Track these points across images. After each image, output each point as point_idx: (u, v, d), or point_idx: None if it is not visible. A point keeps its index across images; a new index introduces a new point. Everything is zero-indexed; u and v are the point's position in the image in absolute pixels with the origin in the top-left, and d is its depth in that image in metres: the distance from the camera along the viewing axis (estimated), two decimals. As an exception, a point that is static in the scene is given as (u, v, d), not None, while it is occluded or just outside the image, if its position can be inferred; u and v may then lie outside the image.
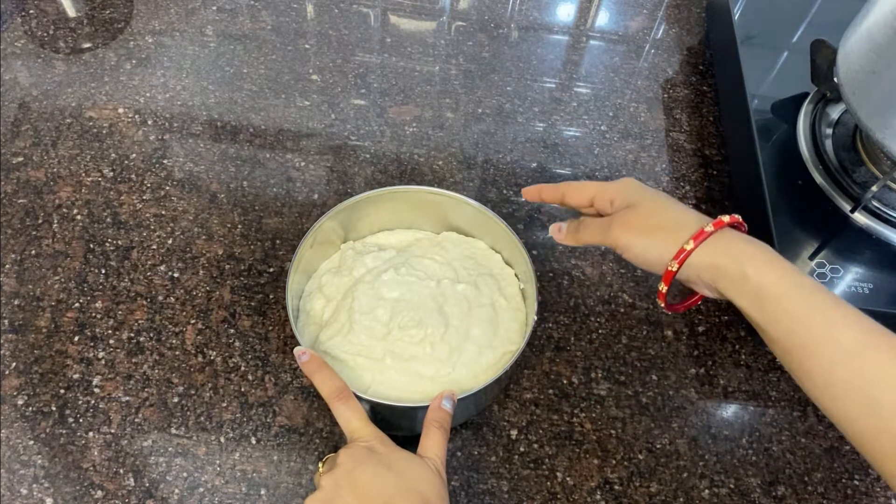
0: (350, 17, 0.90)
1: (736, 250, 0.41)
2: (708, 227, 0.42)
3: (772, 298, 0.40)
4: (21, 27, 0.85)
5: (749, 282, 0.40)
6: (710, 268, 0.42)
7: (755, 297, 0.40)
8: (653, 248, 0.44)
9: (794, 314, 0.39)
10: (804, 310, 0.39)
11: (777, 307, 0.39)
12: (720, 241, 0.42)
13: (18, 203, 0.69)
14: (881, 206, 0.62)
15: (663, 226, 0.44)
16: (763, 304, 0.40)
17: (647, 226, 0.44)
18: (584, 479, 0.57)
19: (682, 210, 0.45)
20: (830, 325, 0.38)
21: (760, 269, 0.40)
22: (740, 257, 0.41)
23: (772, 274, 0.40)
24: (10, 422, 0.57)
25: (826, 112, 0.70)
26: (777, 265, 0.41)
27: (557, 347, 0.64)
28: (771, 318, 0.40)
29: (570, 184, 0.50)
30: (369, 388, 0.53)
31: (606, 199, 0.48)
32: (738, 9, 0.82)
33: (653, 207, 0.45)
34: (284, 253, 0.68)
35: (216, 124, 0.78)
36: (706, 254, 0.42)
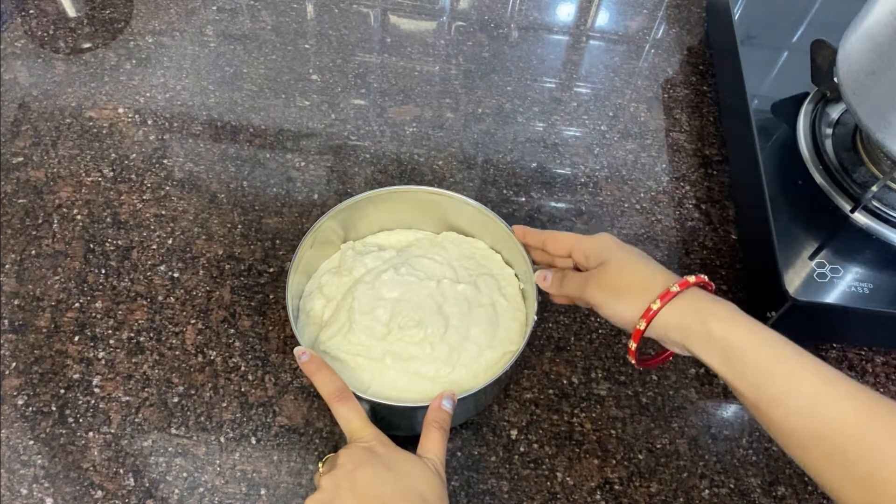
0: (350, 17, 0.90)
1: (701, 309, 0.43)
2: (674, 288, 0.44)
3: (737, 353, 0.41)
4: (21, 27, 0.85)
5: (714, 338, 0.42)
6: (676, 327, 0.44)
7: (721, 353, 0.41)
8: (622, 308, 0.46)
9: (758, 367, 0.40)
10: (767, 362, 0.40)
11: (742, 361, 0.41)
12: (686, 301, 0.44)
13: (18, 203, 0.69)
14: (881, 206, 0.62)
15: (632, 286, 0.46)
16: (729, 359, 0.41)
17: (617, 286, 0.46)
18: (585, 479, 0.57)
19: (652, 269, 0.46)
20: (792, 375, 0.39)
21: (724, 325, 0.42)
22: (705, 315, 0.42)
23: (736, 329, 0.42)
24: (10, 422, 0.57)
25: (826, 112, 0.70)
26: (740, 321, 0.42)
27: (557, 347, 0.64)
28: (737, 372, 0.41)
29: (551, 233, 0.53)
30: (369, 388, 0.53)
31: (581, 253, 0.50)
32: (738, 9, 0.82)
33: (622, 267, 0.47)
34: (284, 253, 0.68)
35: (216, 124, 0.78)
36: (672, 313, 0.44)
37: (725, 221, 0.74)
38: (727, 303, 0.43)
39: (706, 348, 0.42)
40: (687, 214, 0.74)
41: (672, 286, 0.44)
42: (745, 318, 0.42)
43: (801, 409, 0.38)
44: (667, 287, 0.44)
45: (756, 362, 0.40)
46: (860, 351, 0.66)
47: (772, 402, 0.39)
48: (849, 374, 0.64)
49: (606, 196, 0.75)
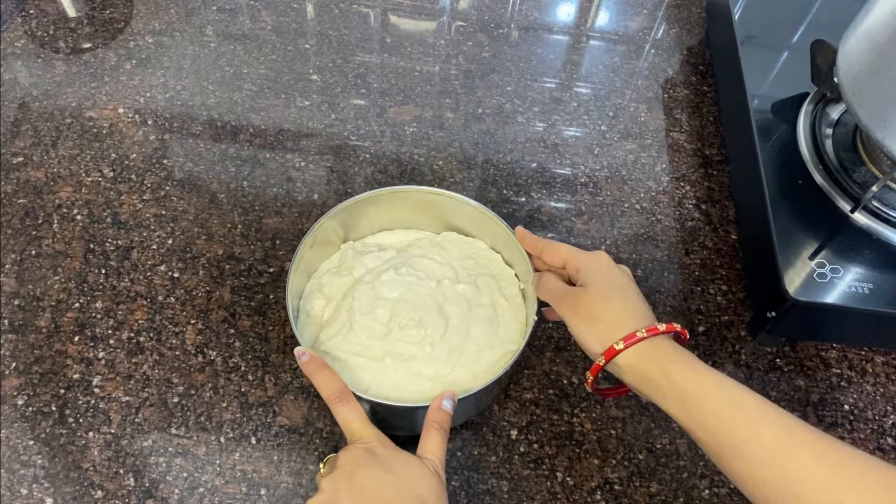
0: (350, 17, 0.90)
1: (662, 357, 0.43)
2: (640, 333, 0.44)
3: (696, 401, 0.41)
4: (21, 27, 0.85)
5: (674, 386, 0.42)
6: (633, 371, 0.44)
7: (680, 400, 0.42)
8: (588, 337, 0.46)
9: (718, 416, 0.40)
10: (728, 410, 0.40)
11: (702, 409, 0.41)
12: (649, 348, 0.44)
13: (18, 203, 0.69)
14: (881, 206, 0.62)
15: (603, 318, 0.46)
16: (688, 408, 0.41)
17: (590, 314, 0.46)
18: (585, 479, 0.57)
19: (628, 307, 0.46)
20: (753, 424, 0.39)
21: (684, 373, 0.42)
22: (665, 363, 0.43)
23: (695, 377, 0.42)
24: (10, 422, 0.57)
25: (826, 112, 0.70)
26: (700, 369, 0.42)
27: (557, 347, 0.64)
28: (697, 421, 0.41)
29: (548, 243, 0.53)
30: (369, 389, 0.53)
31: (574, 267, 0.50)
32: (738, 9, 0.82)
33: (601, 296, 0.46)
34: (284, 253, 0.68)
35: (216, 124, 0.78)
36: (633, 357, 0.44)
37: (725, 221, 0.74)
38: (690, 354, 0.44)
39: (664, 396, 0.43)
40: (687, 214, 0.74)
41: (639, 331, 0.44)
42: (706, 367, 0.43)
43: (762, 459, 0.38)
44: (634, 330, 0.44)
45: (716, 411, 0.40)
46: (860, 351, 0.66)
47: (733, 452, 0.39)
48: (848, 374, 0.64)
49: (606, 196, 0.75)
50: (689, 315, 0.66)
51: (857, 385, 0.63)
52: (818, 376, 0.64)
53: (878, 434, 0.61)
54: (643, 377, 0.44)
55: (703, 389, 0.41)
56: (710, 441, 0.40)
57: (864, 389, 0.63)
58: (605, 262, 0.49)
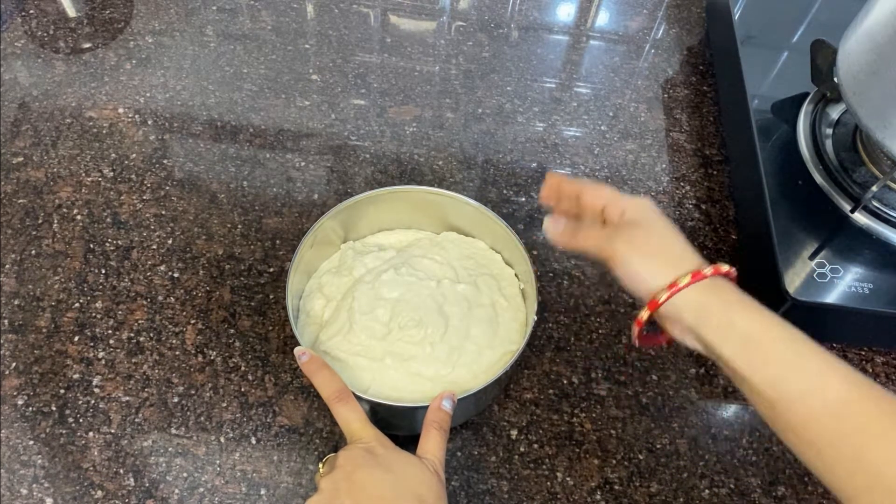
0: (350, 17, 0.90)
1: (726, 297, 0.42)
2: (706, 270, 0.42)
3: (759, 345, 0.39)
4: (21, 27, 0.85)
5: (735, 327, 0.40)
6: (697, 309, 0.42)
7: (741, 343, 0.40)
8: (649, 271, 0.43)
9: (782, 362, 0.38)
10: (793, 357, 0.38)
11: (764, 354, 0.39)
12: (713, 287, 0.42)
13: (18, 203, 0.69)
14: (881, 206, 0.62)
15: (665, 254, 0.43)
16: (749, 351, 0.40)
17: (650, 248, 0.43)
18: (585, 479, 0.57)
19: (687, 247, 0.44)
20: (819, 374, 0.38)
21: (749, 316, 0.40)
22: (729, 304, 0.41)
23: (761, 321, 0.40)
24: (10, 422, 0.57)
25: (826, 112, 0.70)
26: (766, 314, 0.41)
27: (557, 347, 0.64)
28: (756, 365, 0.39)
29: (587, 183, 0.49)
30: (369, 388, 0.53)
31: (619, 207, 0.46)
32: (738, 9, 0.82)
33: (661, 233, 0.44)
34: (284, 253, 0.68)
35: (216, 124, 0.78)
36: (697, 294, 0.42)
37: (725, 221, 0.74)
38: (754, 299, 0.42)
39: (724, 338, 0.40)
40: (687, 214, 0.74)
41: (704, 269, 0.41)
42: (772, 312, 0.40)
43: (823, 412, 0.37)
44: (699, 267, 0.42)
45: (780, 357, 0.38)
46: (860, 351, 0.66)
47: (791, 402, 0.37)
48: (849, 374, 0.64)
49: (606, 196, 0.75)
50: (689, 315, 0.66)
51: (857, 385, 0.63)
52: (818, 376, 0.64)
53: (878, 434, 0.61)
54: (704, 316, 0.41)
55: (767, 334, 0.39)
56: (767, 390, 0.38)
57: (864, 389, 0.63)
58: (654, 206, 0.46)
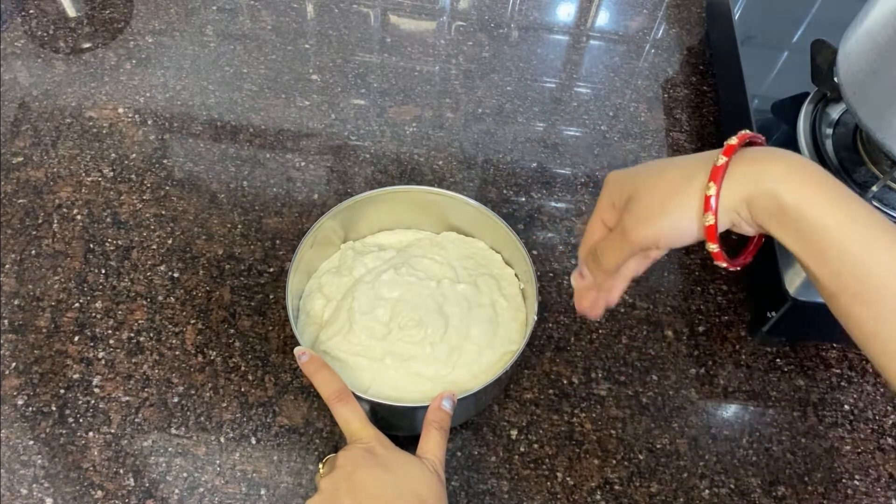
0: (350, 17, 0.90)
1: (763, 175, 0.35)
2: (720, 161, 0.35)
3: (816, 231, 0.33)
4: (21, 27, 0.85)
5: (785, 210, 0.34)
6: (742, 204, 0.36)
7: (795, 230, 0.34)
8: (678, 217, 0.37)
9: (846, 252, 0.33)
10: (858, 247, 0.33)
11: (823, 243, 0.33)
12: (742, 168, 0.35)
13: (18, 203, 0.69)
14: (881, 206, 0.62)
15: (673, 189, 0.37)
16: (806, 239, 0.34)
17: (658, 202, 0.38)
18: (585, 479, 0.57)
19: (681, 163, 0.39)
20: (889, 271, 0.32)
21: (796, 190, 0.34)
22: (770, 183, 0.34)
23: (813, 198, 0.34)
24: (10, 422, 0.57)
25: (826, 112, 0.70)
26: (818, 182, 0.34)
27: (557, 347, 0.63)
28: (816, 254, 0.34)
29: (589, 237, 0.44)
30: (369, 388, 0.53)
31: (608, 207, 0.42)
32: (738, 9, 0.82)
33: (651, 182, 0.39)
34: (284, 253, 0.68)
35: (216, 124, 0.78)
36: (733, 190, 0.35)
37: (725, 221, 0.73)
38: (792, 155, 0.35)
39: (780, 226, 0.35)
40: (687, 214, 0.74)
41: (717, 160, 0.35)
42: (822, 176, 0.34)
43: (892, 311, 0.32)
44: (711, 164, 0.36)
45: (843, 246, 0.33)
46: (860, 351, 0.65)
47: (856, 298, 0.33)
48: (849, 374, 0.64)
49: (606, 196, 0.75)
50: (689, 315, 0.66)
51: (857, 385, 0.63)
52: (818, 376, 0.64)
53: (878, 434, 0.61)
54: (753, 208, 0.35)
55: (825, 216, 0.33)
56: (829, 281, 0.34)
57: (864, 389, 0.63)
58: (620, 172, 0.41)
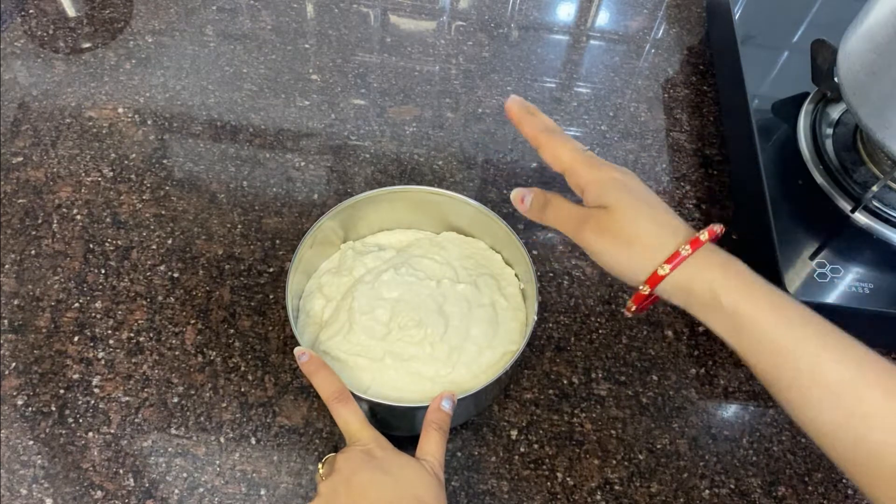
0: (350, 17, 0.90)
1: (709, 274, 0.38)
2: (685, 250, 0.38)
3: (751, 327, 0.37)
4: (21, 27, 0.85)
5: (724, 308, 0.37)
6: (681, 291, 0.39)
7: (732, 325, 0.37)
8: (626, 263, 0.41)
9: (777, 346, 0.36)
10: (788, 342, 0.36)
11: (757, 338, 0.37)
12: (695, 264, 0.39)
13: (18, 203, 0.69)
14: (881, 206, 0.62)
15: (640, 240, 0.40)
16: (742, 334, 0.37)
17: (623, 237, 0.40)
18: (585, 480, 0.57)
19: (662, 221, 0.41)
20: (816, 361, 0.35)
21: (735, 294, 0.37)
22: (713, 281, 0.38)
23: (749, 299, 0.37)
24: (10, 422, 0.57)
25: (826, 112, 0.70)
26: (754, 288, 0.38)
27: (557, 347, 0.63)
28: (749, 347, 0.37)
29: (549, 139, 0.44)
30: (369, 389, 0.53)
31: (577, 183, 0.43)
32: (738, 9, 0.82)
33: (631, 217, 0.40)
34: (284, 253, 0.68)
35: (216, 124, 0.78)
36: (679, 276, 0.39)
37: (725, 221, 0.73)
38: (738, 263, 0.39)
39: (714, 318, 0.38)
40: (687, 214, 0.74)
41: (682, 248, 0.38)
42: (760, 284, 0.38)
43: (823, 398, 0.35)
44: (677, 247, 0.38)
45: (774, 341, 0.36)
46: (860, 351, 0.65)
47: (791, 385, 0.36)
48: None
49: (606, 196, 0.75)
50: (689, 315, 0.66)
51: (857, 385, 0.63)
52: (818, 376, 0.64)
53: (879, 434, 0.61)
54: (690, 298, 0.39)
55: (759, 316, 0.36)
56: (764, 370, 0.37)
57: (864, 389, 0.63)
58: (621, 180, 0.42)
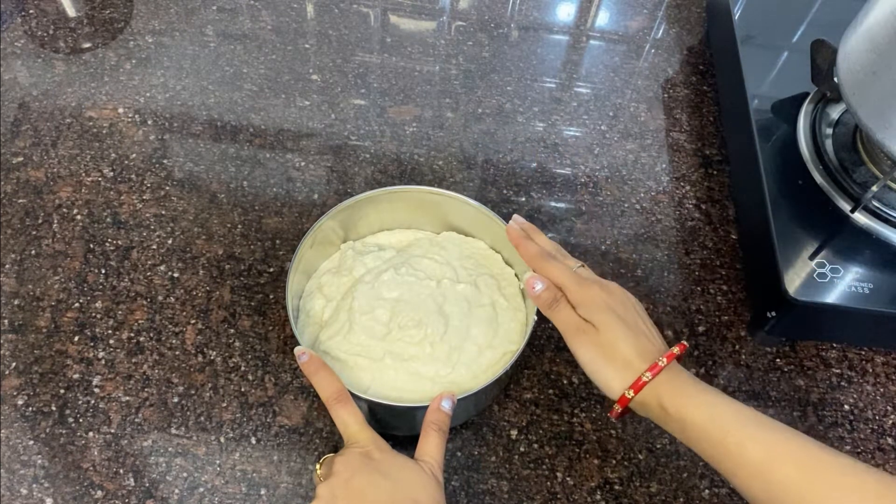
0: (350, 17, 0.90)
1: (658, 392, 0.45)
2: (646, 377, 0.45)
3: (690, 428, 0.43)
4: (21, 27, 0.85)
5: (670, 416, 0.44)
6: (639, 407, 0.46)
7: (679, 429, 0.44)
8: (601, 379, 0.46)
9: (711, 440, 0.42)
10: (717, 434, 0.42)
11: (696, 436, 0.43)
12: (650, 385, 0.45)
13: (18, 203, 0.69)
14: (881, 206, 0.62)
15: (615, 360, 0.46)
16: (686, 434, 0.44)
17: (604, 354, 0.46)
18: (585, 479, 0.57)
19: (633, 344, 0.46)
20: (740, 445, 0.41)
21: (676, 403, 0.44)
22: (661, 398, 0.44)
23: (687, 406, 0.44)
24: (10, 422, 0.57)
25: (826, 112, 0.70)
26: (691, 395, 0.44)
27: (557, 347, 0.63)
28: (695, 445, 0.43)
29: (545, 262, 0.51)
30: (369, 389, 0.53)
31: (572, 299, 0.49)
32: (738, 9, 0.82)
33: (610, 339, 0.46)
34: (284, 253, 0.68)
35: (216, 124, 0.78)
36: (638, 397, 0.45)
37: (725, 221, 0.74)
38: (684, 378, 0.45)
39: (666, 425, 0.45)
40: (687, 214, 0.74)
41: (644, 374, 0.45)
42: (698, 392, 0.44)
43: (751, 476, 0.41)
44: (639, 374, 0.45)
45: (708, 437, 0.42)
46: (860, 351, 0.66)
47: (729, 471, 0.42)
48: (849, 374, 0.64)
49: (606, 196, 0.75)
50: (689, 315, 0.66)
51: (857, 385, 0.63)
52: (818, 376, 0.64)
53: (878, 434, 0.61)
54: (646, 411, 0.46)
55: (696, 418, 0.43)
56: (713, 461, 0.43)
57: (864, 389, 0.63)
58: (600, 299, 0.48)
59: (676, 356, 0.46)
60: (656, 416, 0.45)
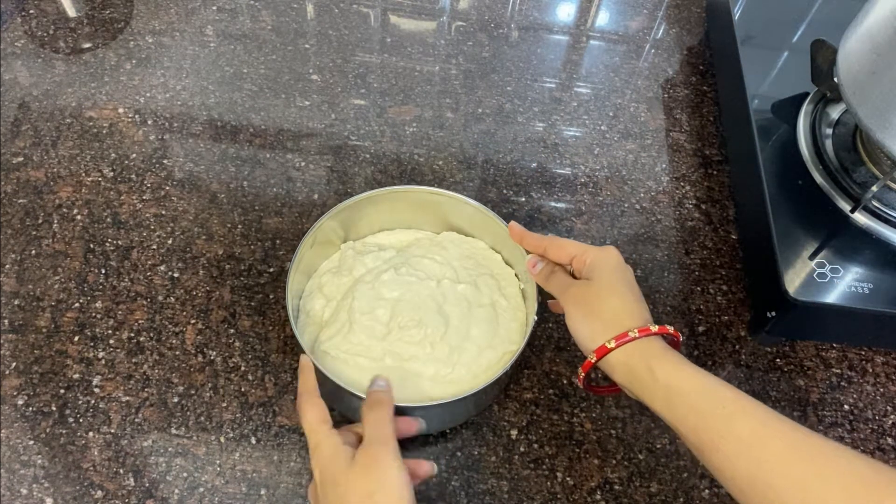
0: (350, 17, 0.90)
1: (649, 355, 0.44)
2: (633, 333, 0.44)
3: (678, 397, 0.42)
4: (21, 27, 0.85)
5: (658, 384, 0.43)
6: (622, 369, 0.45)
7: (664, 397, 0.43)
8: (583, 332, 0.47)
9: (698, 411, 0.41)
10: (707, 406, 0.41)
11: (684, 406, 0.42)
12: (639, 347, 0.45)
13: (18, 203, 0.69)
14: (881, 206, 0.62)
15: (601, 315, 0.46)
16: (672, 405, 0.43)
17: (589, 309, 0.47)
18: (585, 479, 0.57)
19: (626, 304, 0.46)
20: (729, 418, 0.40)
21: (668, 370, 0.43)
22: (651, 360, 0.44)
23: (678, 375, 0.43)
24: (10, 422, 0.57)
25: (826, 112, 0.70)
26: (684, 367, 0.44)
27: (557, 347, 0.64)
28: (679, 417, 0.42)
29: (552, 239, 0.52)
30: (369, 388, 0.53)
31: (582, 261, 0.49)
32: (738, 9, 0.82)
33: (602, 294, 0.47)
34: (284, 253, 0.68)
35: (216, 124, 0.78)
36: (622, 354, 0.45)
37: (725, 221, 0.74)
38: (677, 353, 0.45)
39: (651, 393, 0.44)
40: (687, 214, 0.74)
41: (632, 330, 0.44)
42: (691, 366, 0.44)
43: (738, 452, 0.39)
44: (628, 329, 0.45)
45: (696, 407, 0.42)
46: (860, 351, 0.66)
47: (712, 446, 0.40)
48: (848, 374, 0.64)
49: (606, 196, 0.75)
50: (689, 315, 0.66)
51: (857, 385, 0.63)
52: (818, 376, 0.64)
53: (878, 434, 0.61)
54: (631, 375, 0.45)
55: (686, 386, 0.42)
56: (692, 436, 0.42)
57: (864, 389, 0.63)
58: (615, 258, 0.49)
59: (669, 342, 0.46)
60: (640, 380, 0.44)
